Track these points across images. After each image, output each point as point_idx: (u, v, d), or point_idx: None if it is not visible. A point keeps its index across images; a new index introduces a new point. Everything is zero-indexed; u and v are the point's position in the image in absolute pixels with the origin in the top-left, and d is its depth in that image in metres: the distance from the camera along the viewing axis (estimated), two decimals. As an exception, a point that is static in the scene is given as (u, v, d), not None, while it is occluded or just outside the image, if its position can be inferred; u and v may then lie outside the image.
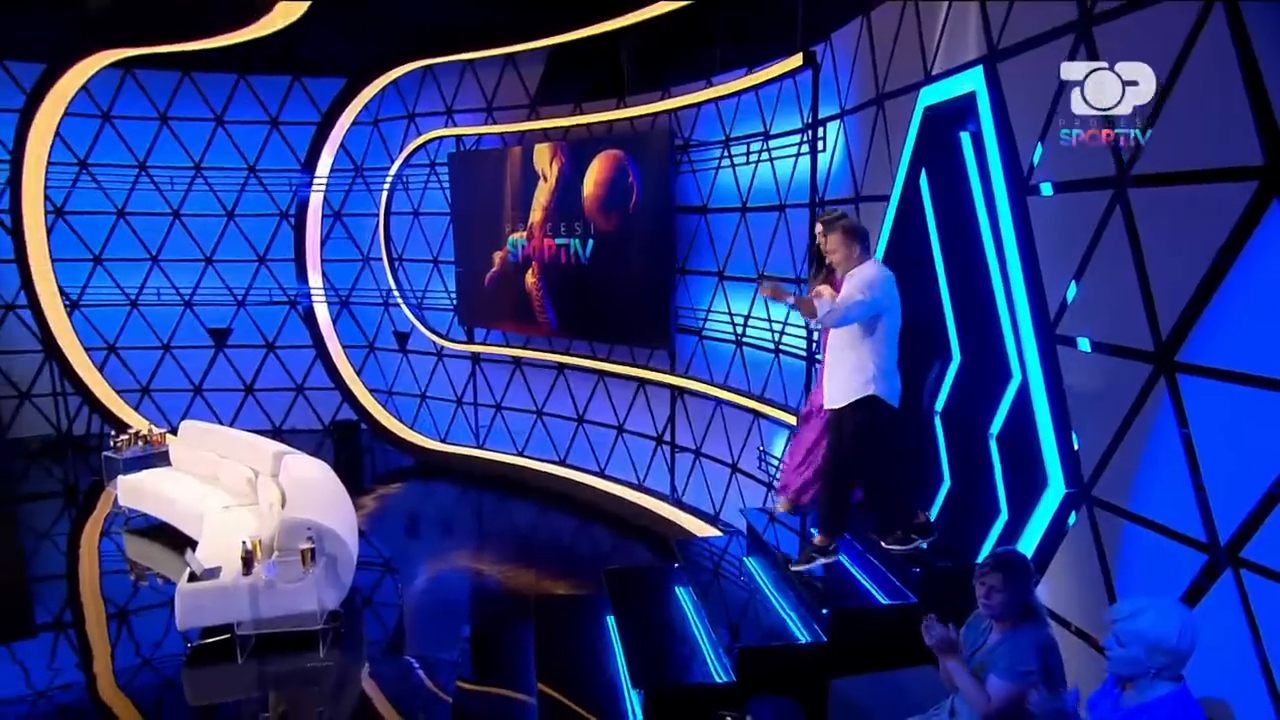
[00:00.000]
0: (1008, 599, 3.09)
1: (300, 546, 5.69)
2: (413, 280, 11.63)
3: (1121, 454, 3.44)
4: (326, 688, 5.67)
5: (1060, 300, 3.84)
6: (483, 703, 5.18)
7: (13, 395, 11.37)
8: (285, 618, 5.79)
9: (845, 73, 6.42)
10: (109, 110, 11.32)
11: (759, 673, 4.15)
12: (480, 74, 10.49)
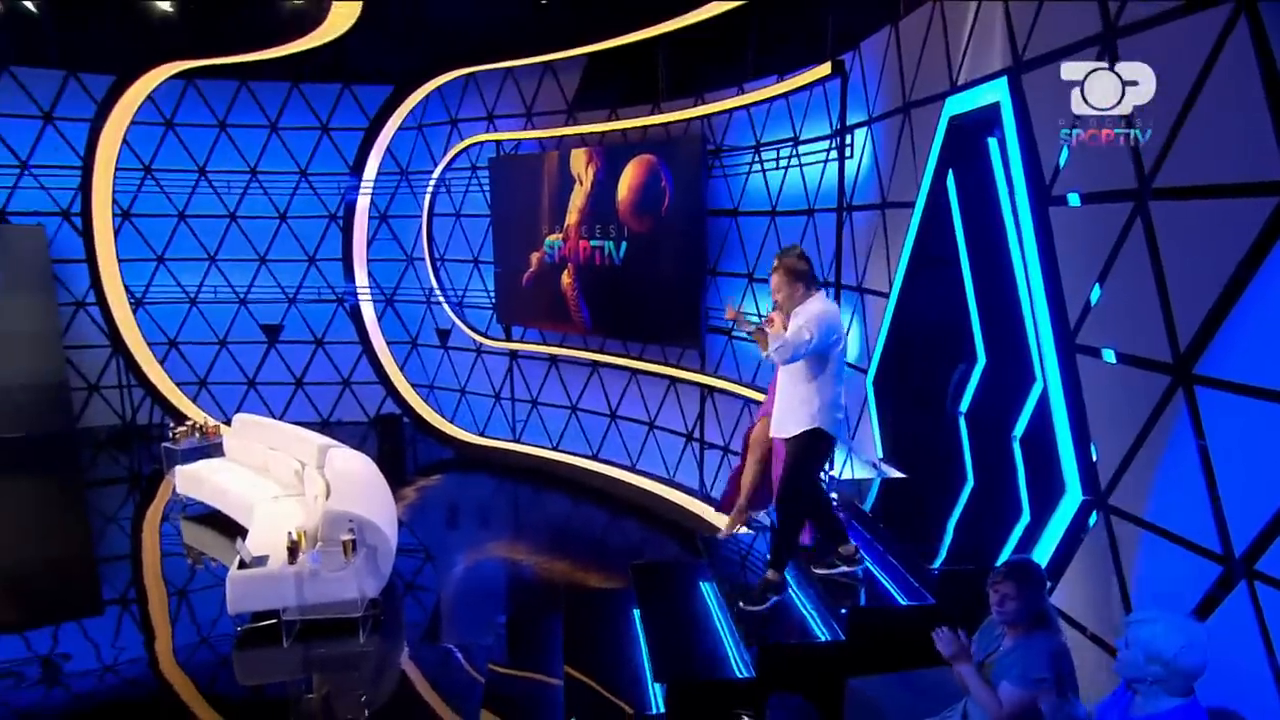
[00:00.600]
0: (1020, 606, 3.05)
1: (342, 538, 5.76)
2: (454, 279, 11.72)
3: (1139, 463, 3.37)
4: (366, 672, 5.75)
5: (1081, 309, 3.77)
6: (513, 685, 5.23)
7: (83, 387, 11.69)
8: (328, 604, 5.88)
9: (873, 81, 6.35)
10: (172, 118, 11.58)
11: (779, 670, 4.14)
12: (520, 81, 10.54)
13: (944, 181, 5.17)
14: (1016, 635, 3.10)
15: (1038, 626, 3.06)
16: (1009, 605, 3.08)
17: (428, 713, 5.17)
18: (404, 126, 11.64)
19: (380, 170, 11.82)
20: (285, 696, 5.54)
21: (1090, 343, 3.70)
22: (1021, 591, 3.06)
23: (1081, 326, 3.77)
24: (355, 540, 5.79)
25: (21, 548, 8.29)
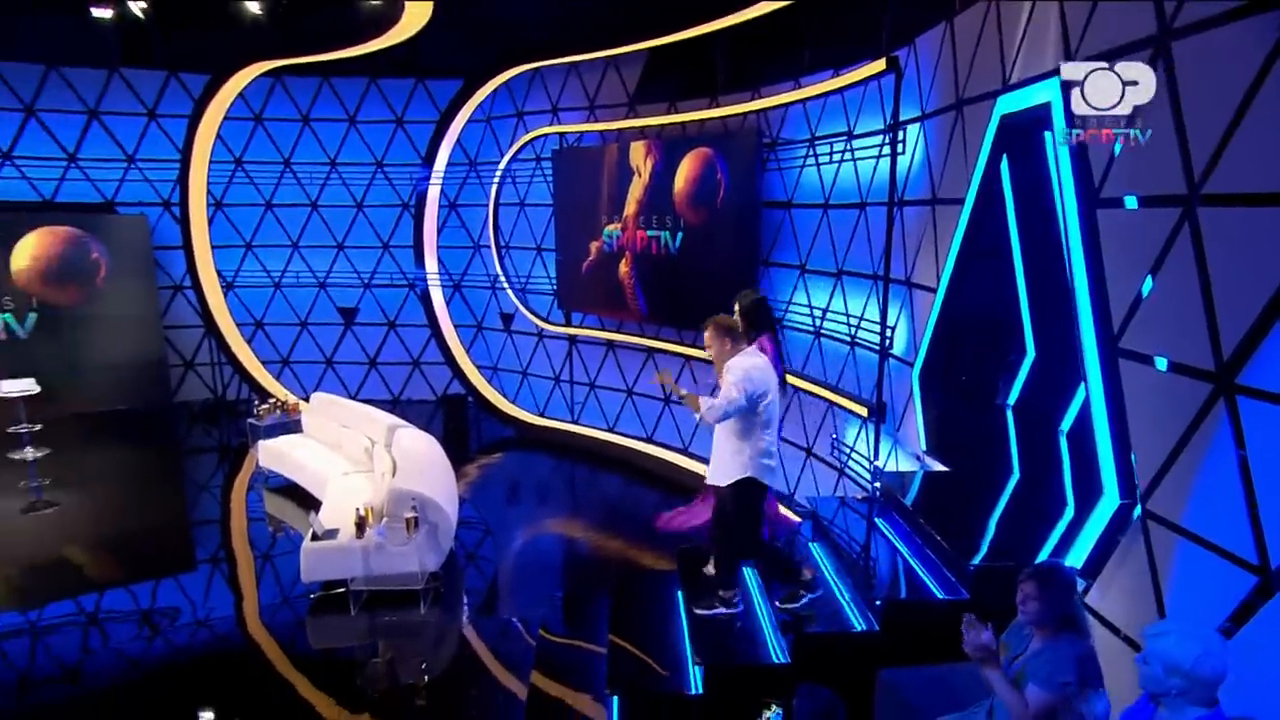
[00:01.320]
0: (1041, 608, 3.00)
1: (405, 515, 5.88)
2: (518, 266, 11.84)
3: (1178, 470, 3.27)
4: (426, 640, 5.89)
5: (1126, 312, 3.66)
6: (563, 652, 5.32)
7: (179, 364, 12.19)
8: (391, 576, 6.03)
9: (927, 77, 6.19)
10: (261, 113, 11.91)
11: (813, 658, 4.15)
12: (584, 75, 10.55)
13: (997, 175, 5.03)
14: (1044, 637, 3.05)
15: (1065, 630, 3.01)
16: (1030, 605, 3.05)
17: (483, 678, 5.33)
18: (473, 119, 11.75)
19: (450, 161, 11.96)
20: (352, 660, 5.70)
21: (1134, 347, 3.59)
22: (1042, 593, 3.01)
23: (1126, 330, 3.66)
24: (417, 517, 5.92)
25: (126, 511, 8.71)
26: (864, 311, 6.94)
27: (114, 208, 11.59)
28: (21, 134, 11.08)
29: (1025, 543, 4.20)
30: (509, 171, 11.67)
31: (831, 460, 7.32)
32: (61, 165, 11.35)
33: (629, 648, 4.59)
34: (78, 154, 11.41)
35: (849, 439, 6.99)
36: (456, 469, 9.51)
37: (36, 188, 11.28)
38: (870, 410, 6.46)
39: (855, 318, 7.03)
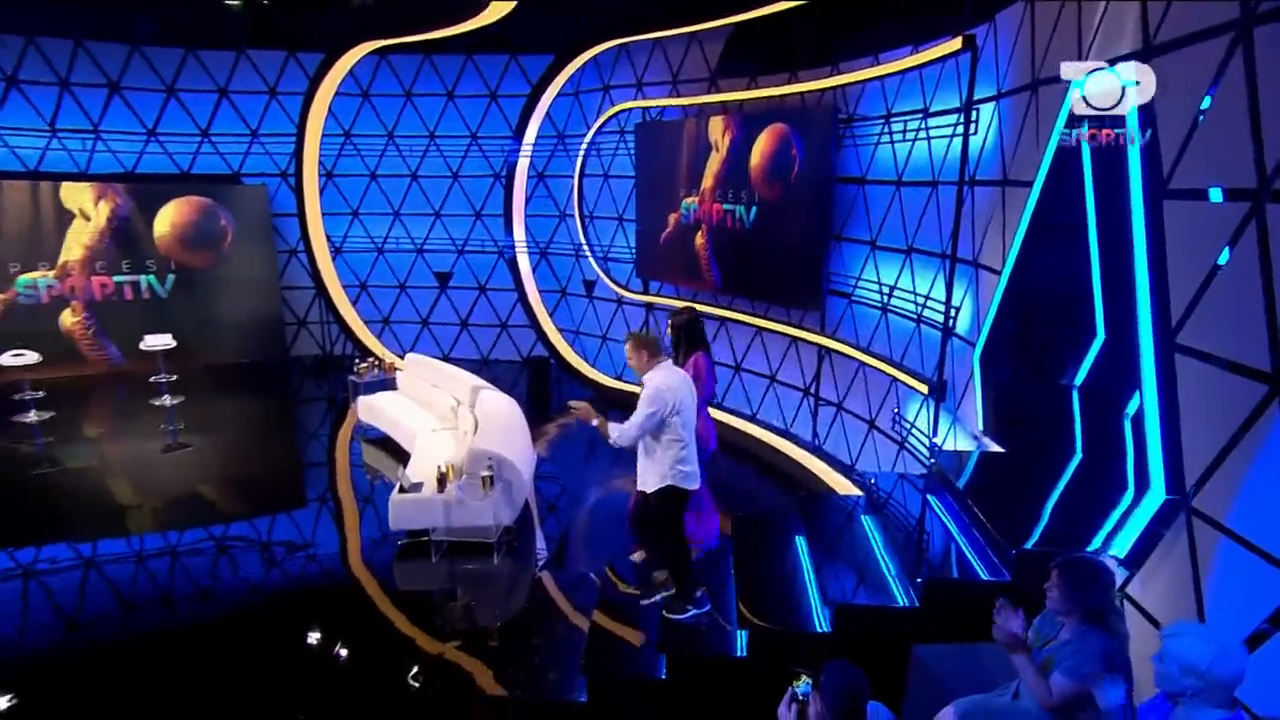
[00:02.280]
0: (1067, 598, 2.96)
1: (482, 473, 6.05)
2: (600, 235, 11.89)
3: (1226, 469, 3.13)
4: (500, 588, 6.06)
5: (1185, 306, 3.47)
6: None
7: (293, 322, 12.85)
8: (469, 529, 6.24)
9: (1005, 55, 5.89)
10: (368, 89, 12.23)
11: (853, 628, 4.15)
12: (668, 50, 10.41)
13: (1068, 159, 4.77)
14: (1074, 627, 3.00)
15: (1095, 622, 2.95)
16: (1052, 593, 3.01)
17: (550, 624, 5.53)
18: (562, 93, 11.74)
19: (539, 134, 12.03)
20: (433, 603, 5.91)
21: (1191, 342, 3.42)
22: (1070, 585, 2.96)
23: (1185, 324, 3.47)
24: (493, 476, 6.08)
25: (248, 453, 9.27)
26: (931, 290, 6.74)
27: (240, 179, 12.20)
28: (163, 113, 11.77)
29: (1079, 527, 4.07)
30: (594, 144, 11.67)
31: (892, 434, 7.20)
32: (196, 140, 12.00)
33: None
34: (210, 129, 12.03)
35: (910, 414, 6.85)
36: (537, 427, 9.71)
37: (175, 161, 11.98)
38: (930, 388, 6.31)
39: (922, 296, 6.84)
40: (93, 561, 6.62)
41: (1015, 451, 5.27)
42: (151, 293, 11.65)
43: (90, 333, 11.39)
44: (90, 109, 11.37)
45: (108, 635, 5.67)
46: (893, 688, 3.73)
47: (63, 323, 11.25)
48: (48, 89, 11.07)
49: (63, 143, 11.30)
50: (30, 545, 6.79)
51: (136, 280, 11.56)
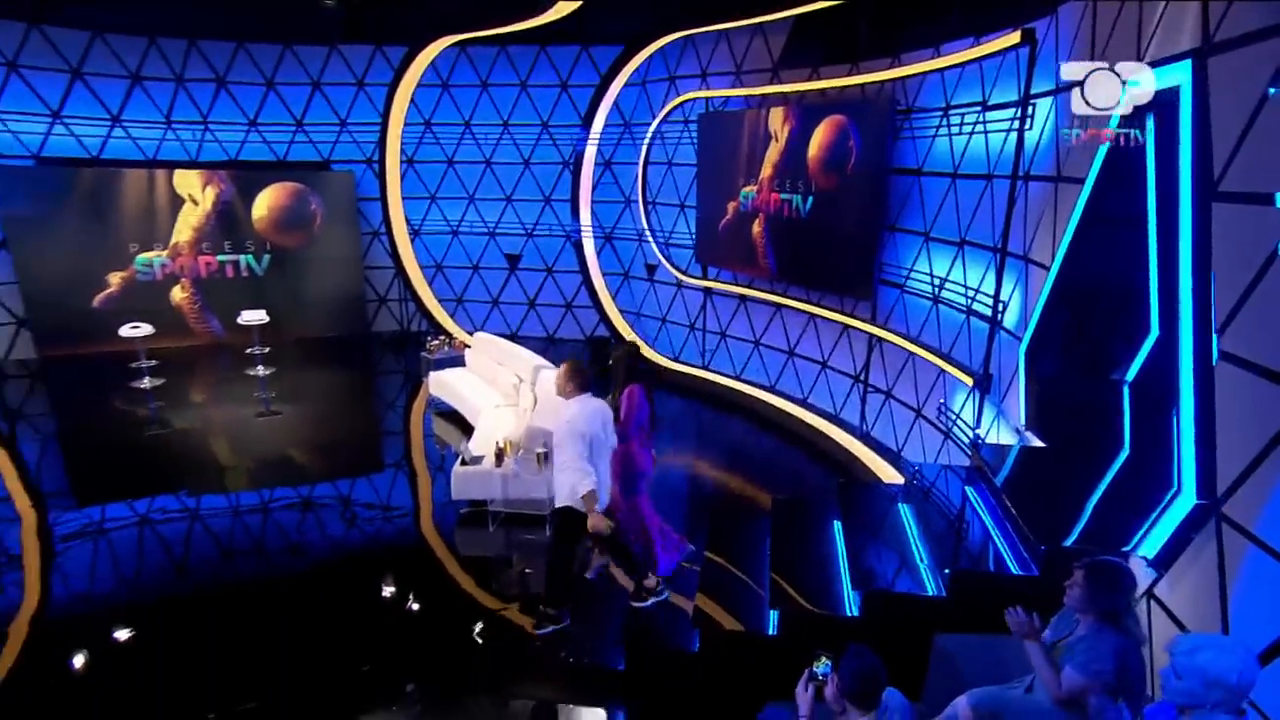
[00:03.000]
0: (1081, 596, 2.94)
1: (537, 450, 6.15)
2: (662, 221, 11.88)
3: (1258, 478, 3.01)
4: None
5: (1230, 310, 3.33)
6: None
7: (374, 300, 13.27)
8: (523, 501, 6.39)
9: (1065, 48, 5.65)
10: (447, 80, 12.44)
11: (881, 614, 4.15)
12: (733, 41, 10.29)
13: (1121, 156, 4.58)
14: (1089, 625, 2.97)
15: (1111, 622, 2.92)
16: (1074, 591, 2.99)
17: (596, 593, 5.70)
18: (629, 83, 11.75)
19: (607, 123, 12.07)
20: (490, 569, 6.09)
21: (1231, 349, 3.28)
22: (1088, 584, 2.93)
23: (1226, 329, 3.34)
24: (547, 453, 6.14)
25: (332, 419, 9.67)
26: (981, 283, 6.57)
27: (329, 165, 12.63)
28: (264, 104, 12.27)
29: (1113, 527, 3.98)
30: (659, 132, 11.64)
31: (938, 424, 7.08)
32: (291, 129, 12.48)
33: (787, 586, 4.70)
34: (304, 119, 12.49)
35: (956, 405, 6.73)
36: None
37: (273, 149, 12.49)
38: (976, 380, 6.18)
39: (973, 289, 6.68)
40: (196, 513, 7.10)
41: (1056, 446, 5.14)
42: (249, 271, 12.23)
43: (197, 307, 12.05)
44: (200, 102, 11.95)
45: (209, 579, 6.09)
46: (915, 674, 3.74)
47: (173, 298, 11.91)
48: (165, 84, 11.68)
49: (176, 133, 11.91)
50: (145, 497, 7.32)
51: (237, 259, 12.14)
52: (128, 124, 11.60)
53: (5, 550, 6.43)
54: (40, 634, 5.26)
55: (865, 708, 3.01)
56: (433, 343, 10.47)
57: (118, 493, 7.48)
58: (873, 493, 5.97)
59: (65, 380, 10.81)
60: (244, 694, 4.60)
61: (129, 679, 4.83)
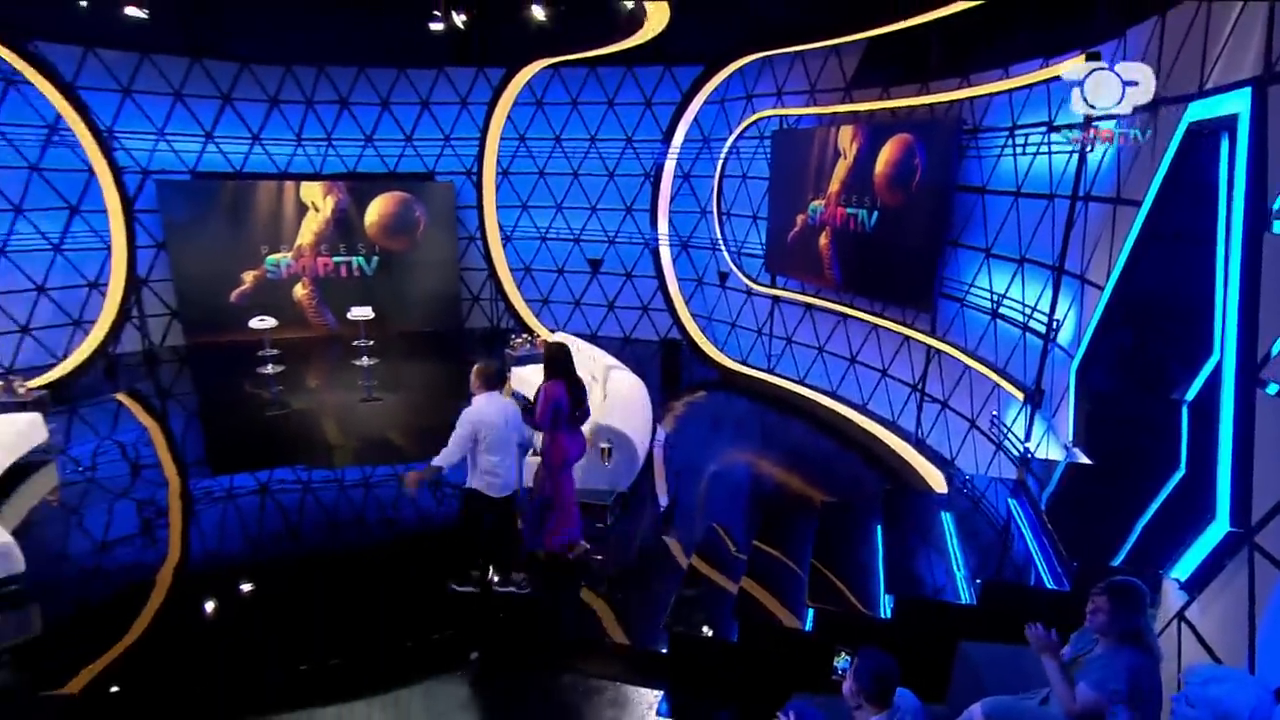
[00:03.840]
0: (1108, 621, 2.84)
1: (602, 445, 6.28)
2: (735, 232, 11.86)
3: (1292, 510, 2.86)
4: (611, 544, 6.27)
5: (1273, 341, 3.15)
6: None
7: (468, 299, 13.74)
8: (588, 491, 6.45)
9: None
10: (541, 98, 12.76)
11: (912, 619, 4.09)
12: (808, 62, 10.20)
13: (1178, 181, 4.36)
14: (1107, 645, 2.89)
15: (1128, 642, 2.83)
16: (1099, 617, 2.89)
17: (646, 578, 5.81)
18: (709, 101, 11.77)
19: (686, 138, 12.13)
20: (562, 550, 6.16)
21: (1274, 377, 3.11)
22: (1114, 609, 2.84)
23: (1270, 359, 3.16)
24: (611, 448, 6.30)
25: (427, 407, 10.02)
26: (1039, 300, 6.33)
27: (433, 177, 13.19)
28: (379, 122, 12.95)
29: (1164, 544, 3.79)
30: (735, 147, 11.64)
31: (990, 435, 6.86)
32: (401, 144, 13.11)
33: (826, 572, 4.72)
34: (413, 135, 13.10)
35: (1008, 419, 6.50)
36: (667, 402, 9.97)
37: (385, 162, 13.16)
38: (1027, 395, 5.97)
39: (1030, 306, 6.44)
40: (309, 485, 7.62)
41: (1104, 464, 4.93)
42: (360, 271, 12.90)
43: (314, 303, 12.82)
44: (326, 120, 12.72)
45: (316, 543, 6.53)
46: (940, 679, 3.70)
47: (295, 294, 12.69)
48: (297, 106, 12.51)
49: (304, 149, 12.73)
50: (265, 469, 7.90)
51: (350, 261, 12.82)
52: (266, 141, 12.46)
53: (157, 507, 7.09)
54: (180, 582, 5.78)
55: (879, 706, 3.01)
56: (515, 340, 10.77)
57: (244, 464, 8.08)
58: (917, 500, 5.85)
59: (205, 364, 11.71)
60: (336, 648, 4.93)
61: (247, 626, 5.27)
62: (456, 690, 4.62)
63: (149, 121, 11.56)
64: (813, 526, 5.46)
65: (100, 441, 8.72)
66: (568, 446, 5.73)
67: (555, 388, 5.68)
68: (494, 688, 4.70)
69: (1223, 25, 4.15)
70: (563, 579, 5.82)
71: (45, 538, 6.38)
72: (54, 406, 9.23)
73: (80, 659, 4.71)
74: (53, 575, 5.77)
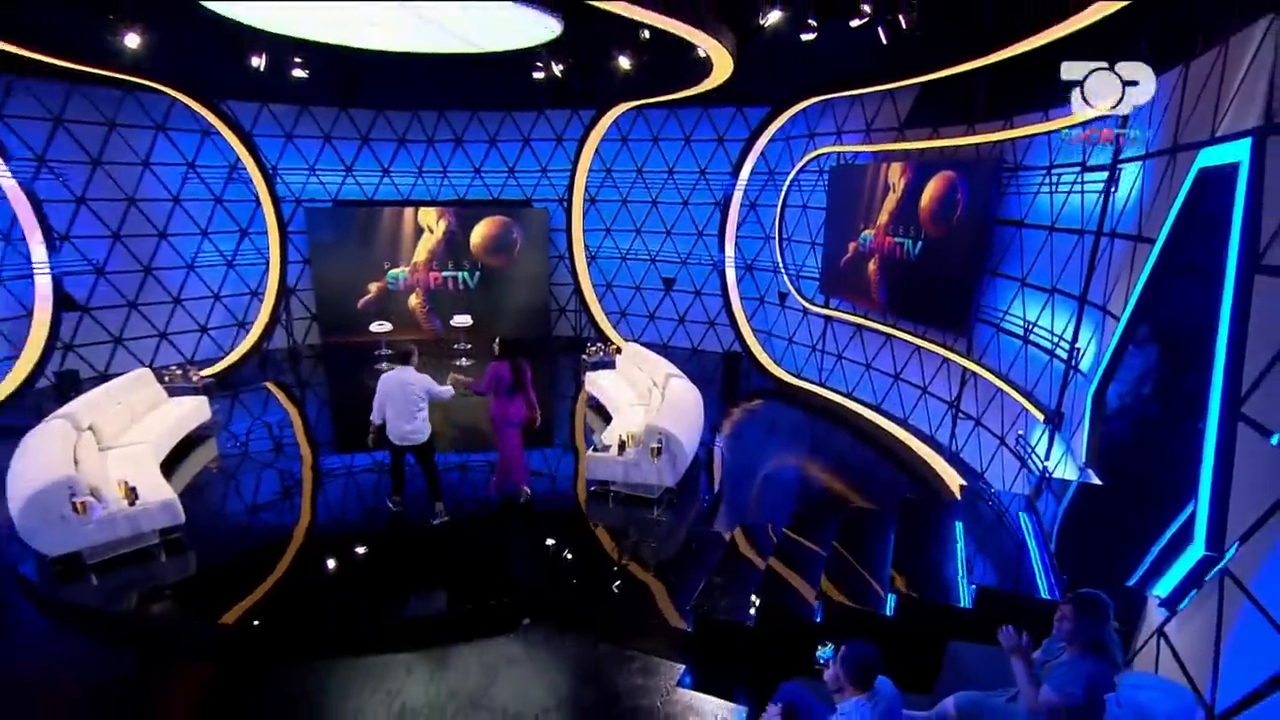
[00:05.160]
0: (1072, 630, 2.86)
1: (652, 445, 6.44)
2: (795, 256, 11.87)
3: (1260, 539, 2.79)
4: (659, 534, 6.42)
5: (1255, 378, 3.06)
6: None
7: (556, 310, 14.23)
8: (639, 485, 6.66)
9: (1157, 118, 5.20)
10: (626, 135, 13.14)
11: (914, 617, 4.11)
12: (865, 104, 10.15)
13: (1187, 225, 4.21)
14: (1073, 653, 2.91)
15: (1092, 652, 2.85)
16: (1064, 625, 2.92)
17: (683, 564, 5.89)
18: (774, 138, 11.84)
19: (753, 171, 12.22)
20: (612, 536, 6.39)
21: (1253, 413, 3.02)
22: (1077, 618, 2.86)
23: (1251, 395, 3.07)
24: (661, 448, 6.45)
25: None
26: (1065, 329, 6.13)
27: (530, 203, 13.80)
28: (486, 157, 13.69)
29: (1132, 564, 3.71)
30: (797, 180, 11.67)
31: (1016, 452, 6.66)
32: (505, 174, 13.81)
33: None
34: (515, 167, 13.78)
35: (1033, 438, 6.31)
36: (725, 409, 10.04)
37: (490, 190, 13.90)
38: (1047, 417, 5.80)
39: (1058, 335, 6.24)
40: (413, 466, 8.08)
41: (1112, 484, 4.77)
42: (464, 284, 13.63)
43: (425, 311, 13.65)
44: (442, 155, 13.57)
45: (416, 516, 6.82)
46: (930, 673, 3.72)
47: (410, 303, 13.53)
48: (420, 144, 13.41)
49: (424, 179, 13.61)
50: (378, 451, 8.35)
51: (456, 275, 13.57)
52: (394, 173, 13.42)
53: (293, 478, 7.82)
54: (308, 541, 6.36)
55: (860, 688, 3.12)
56: (590, 348, 11.11)
57: (360, 446, 8.70)
58: (932, 508, 5.76)
59: (335, 360, 12.66)
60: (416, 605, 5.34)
61: (353, 581, 5.81)
62: (506, 648, 4.90)
63: (304, 159, 12.71)
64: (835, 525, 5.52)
65: (252, 422, 9.68)
66: (508, 410, 6.65)
67: (500, 365, 6.65)
68: (538, 649, 4.91)
69: (1235, 74, 4.00)
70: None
71: (204, 498, 7.18)
72: (218, 392, 10.28)
73: (231, 597, 5.30)
74: (209, 528, 6.46)
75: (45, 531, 5.43)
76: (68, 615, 5.30)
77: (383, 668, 4.71)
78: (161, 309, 11.70)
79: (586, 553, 6.08)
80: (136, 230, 11.27)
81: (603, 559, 6.03)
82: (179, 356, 11.80)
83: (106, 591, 5.46)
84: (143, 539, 5.86)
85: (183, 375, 9.51)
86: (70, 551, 5.58)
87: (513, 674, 4.67)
